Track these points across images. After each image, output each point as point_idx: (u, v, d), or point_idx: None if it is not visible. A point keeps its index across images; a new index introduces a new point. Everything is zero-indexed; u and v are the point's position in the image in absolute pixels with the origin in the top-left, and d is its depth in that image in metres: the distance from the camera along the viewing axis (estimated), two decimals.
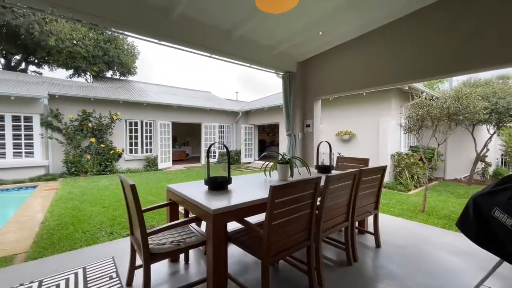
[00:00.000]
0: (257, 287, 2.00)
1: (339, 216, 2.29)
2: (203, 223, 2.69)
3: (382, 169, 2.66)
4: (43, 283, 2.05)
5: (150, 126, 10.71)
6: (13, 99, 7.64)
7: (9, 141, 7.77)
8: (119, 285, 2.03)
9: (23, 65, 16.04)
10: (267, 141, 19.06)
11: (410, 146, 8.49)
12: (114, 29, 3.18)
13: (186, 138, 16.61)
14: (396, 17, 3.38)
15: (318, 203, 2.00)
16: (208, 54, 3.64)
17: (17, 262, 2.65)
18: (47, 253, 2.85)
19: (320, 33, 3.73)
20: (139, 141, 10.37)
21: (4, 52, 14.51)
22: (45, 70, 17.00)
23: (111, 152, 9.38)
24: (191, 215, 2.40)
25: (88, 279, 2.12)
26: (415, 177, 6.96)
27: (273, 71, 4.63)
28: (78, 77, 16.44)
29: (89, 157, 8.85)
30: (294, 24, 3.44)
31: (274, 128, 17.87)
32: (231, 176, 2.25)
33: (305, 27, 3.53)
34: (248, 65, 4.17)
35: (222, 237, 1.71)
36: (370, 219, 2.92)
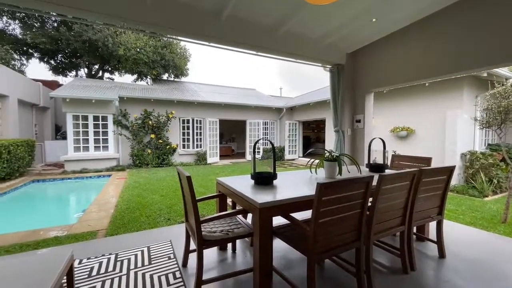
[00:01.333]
0: (301, 284, 2.00)
1: (393, 219, 2.10)
2: (249, 216, 2.80)
3: (449, 170, 2.33)
4: (118, 256, 2.44)
5: (200, 123, 11.52)
6: (94, 102, 9.15)
7: (91, 137, 9.36)
8: (176, 265, 2.27)
9: (100, 73, 19.00)
10: (312, 137, 18.52)
11: (489, 144, 7.16)
12: (169, 36, 3.51)
13: (232, 135, 17.33)
14: None
15: (369, 203, 1.88)
16: (254, 52, 3.72)
17: (99, 236, 3.21)
18: (120, 231, 3.36)
19: (374, 20, 3.43)
20: (190, 137, 11.26)
21: (87, 63, 17.43)
22: (116, 76, 19.85)
23: (167, 147, 10.43)
24: (238, 207, 2.53)
25: (151, 257, 2.44)
26: (494, 180, 5.85)
27: (320, 65, 4.46)
28: (140, 80, 18.70)
29: (149, 151, 10.02)
30: (345, 12, 3.24)
31: (319, 124, 17.23)
32: (276, 172, 2.28)
33: (357, 15, 3.29)
34: (294, 60, 4.11)
35: (268, 231, 1.75)
36: (432, 225, 2.60)
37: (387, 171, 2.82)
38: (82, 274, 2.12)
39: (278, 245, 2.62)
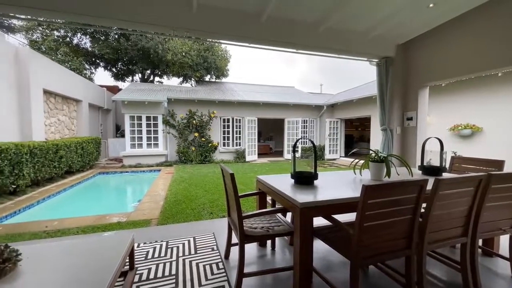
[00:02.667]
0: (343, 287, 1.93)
1: (452, 228, 1.88)
2: (288, 214, 2.81)
3: None
4: (168, 243, 2.70)
5: (239, 122, 11.86)
6: (147, 103, 10.18)
7: (144, 135, 10.44)
8: (219, 257, 2.41)
9: (151, 77, 21.00)
10: (355, 136, 17.45)
11: None
12: (213, 40, 3.69)
13: (269, 133, 17.42)
14: None
15: (422, 209, 1.72)
16: (294, 50, 3.68)
17: (152, 224, 3.59)
18: (169, 221, 3.70)
19: (431, 5, 3.07)
20: (230, 135, 11.69)
21: (141, 69, 19.44)
22: (164, 80, 21.67)
23: (209, 145, 11.02)
24: (278, 205, 2.55)
25: (197, 247, 2.63)
26: None
27: (366, 59, 4.18)
28: (185, 83, 20.08)
29: (193, 148, 10.72)
30: (396, 0, 2.98)
31: (364, 122, 16.16)
32: (317, 172, 2.23)
33: (411, 1, 3.00)
34: (336, 56, 3.94)
35: (308, 231, 1.74)
36: (504, 239, 2.24)
37: (445, 175, 2.52)
38: (140, 256, 2.41)
39: (319, 246, 2.57)
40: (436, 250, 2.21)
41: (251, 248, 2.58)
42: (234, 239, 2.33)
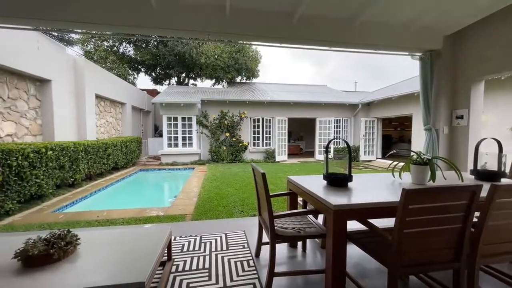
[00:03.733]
0: None
1: None
2: (320, 216, 2.74)
3: None
4: (202, 238, 2.83)
5: (269, 122, 11.88)
6: (182, 105, 10.77)
7: (180, 135, 11.08)
8: (249, 254, 2.46)
9: (186, 80, 22.17)
10: (394, 136, 16.26)
11: None
12: (245, 42, 3.77)
13: (300, 133, 17.13)
14: None
15: (475, 219, 1.54)
16: (327, 48, 3.57)
17: (187, 219, 3.79)
18: (202, 217, 3.87)
19: None
20: (260, 135, 11.78)
21: (177, 72, 20.65)
22: (198, 82, 22.71)
23: (240, 144, 11.24)
24: (309, 207, 2.51)
25: (228, 243, 2.71)
26: None
27: (407, 53, 3.88)
28: (217, 84, 20.77)
29: (224, 148, 11.04)
30: None
31: (404, 121, 14.98)
32: (352, 174, 2.14)
33: None
34: (373, 51, 3.72)
35: (342, 234, 1.68)
36: None
37: (504, 181, 2.22)
38: (176, 249, 2.57)
39: (353, 251, 2.46)
40: (492, 265, 1.96)
41: (281, 248, 2.58)
42: (265, 238, 2.36)
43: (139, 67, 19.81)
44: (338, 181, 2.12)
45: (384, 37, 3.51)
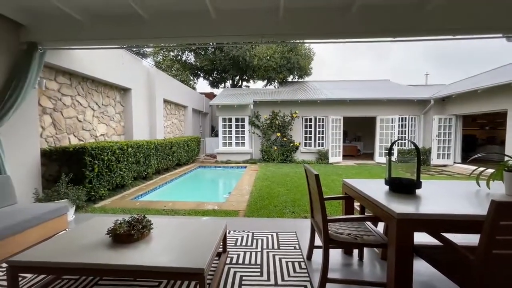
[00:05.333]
0: None
1: None
2: (380, 224, 2.50)
3: None
4: (254, 235, 2.93)
5: (322, 121, 11.40)
6: (236, 107, 11.33)
7: (233, 135, 11.67)
8: (301, 256, 2.42)
9: (240, 83, 23.20)
10: (479, 137, 13.50)
11: None
12: (298, 41, 3.72)
13: (357, 133, 15.89)
14: None
15: None
16: (391, 39, 3.22)
17: (240, 215, 3.98)
18: (254, 214, 4.00)
19: None
20: (312, 135, 11.42)
21: (231, 75, 21.82)
22: (250, 84, 23.47)
23: (291, 144, 11.14)
24: (367, 213, 2.32)
25: (280, 242, 2.73)
26: None
27: (501, 35, 3.17)
28: (269, 85, 21.05)
29: (275, 148, 11.11)
30: None
31: (494, 119, 12.32)
32: (420, 180, 1.88)
33: None
34: (451, 37, 3.17)
35: (407, 247, 1.50)
36: None
37: None
38: (231, 242, 2.73)
39: (420, 267, 2.16)
40: None
41: (335, 254, 2.46)
42: (317, 242, 2.29)
43: (198, 72, 21.69)
44: (403, 187, 1.89)
45: (467, 18, 2.96)
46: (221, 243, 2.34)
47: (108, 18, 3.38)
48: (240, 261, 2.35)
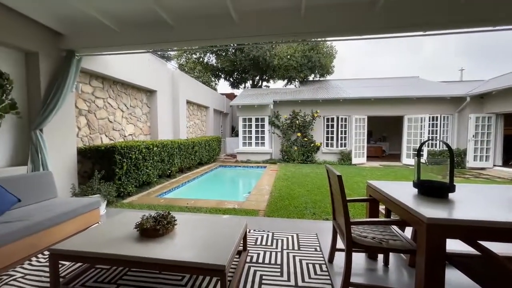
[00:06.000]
0: None
1: None
2: (408, 229, 2.37)
3: None
4: (274, 235, 2.92)
5: (345, 121, 11.05)
6: (256, 107, 11.37)
7: (253, 135, 11.73)
8: (322, 258, 2.37)
9: (260, 83, 23.26)
10: None
11: None
12: (319, 39, 3.63)
13: (382, 133, 15.18)
14: None
15: None
16: (421, 33, 3.03)
17: (260, 215, 3.99)
18: (274, 215, 3.99)
19: None
20: (334, 135, 11.11)
21: (251, 76, 21.96)
22: (270, 83, 23.42)
23: (312, 145, 10.94)
24: (393, 216, 2.21)
25: (300, 244, 2.70)
26: None
27: None
28: (290, 84, 20.85)
29: (295, 148, 10.98)
30: None
31: None
32: (454, 183, 1.75)
33: None
34: (491, 28, 2.91)
35: (439, 255, 1.40)
36: None
37: None
38: (251, 241, 2.75)
39: (453, 277, 2.01)
40: None
41: (358, 258, 2.37)
42: (339, 244, 2.23)
43: (219, 73, 22.11)
44: (434, 190, 1.78)
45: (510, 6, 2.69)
46: (242, 242, 2.37)
47: (137, 24, 3.58)
48: (260, 260, 2.36)
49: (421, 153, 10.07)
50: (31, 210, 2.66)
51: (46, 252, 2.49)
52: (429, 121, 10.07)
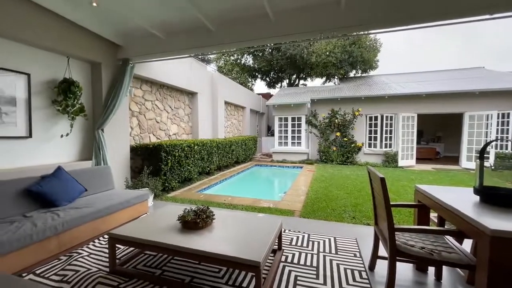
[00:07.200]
0: None
1: None
2: (466, 242, 2.09)
3: None
4: (310, 237, 2.85)
5: (391, 120, 10.16)
6: (292, 106, 11.22)
7: (289, 134, 11.60)
8: (362, 265, 2.23)
9: (296, 81, 22.86)
10: None
11: None
12: (360, 32, 3.40)
13: (436, 133, 13.55)
14: None
15: None
16: (488, 16, 2.62)
17: (295, 216, 3.93)
18: (310, 216, 3.89)
19: None
20: (378, 135, 10.31)
21: (288, 75, 21.72)
22: (308, 82, 22.84)
23: (352, 145, 10.33)
24: (447, 225, 1.97)
25: (338, 247, 2.58)
26: None
27: None
28: (328, 82, 20.04)
29: (334, 148, 10.51)
30: None
31: None
32: None
33: None
34: None
35: (507, 272, 1.20)
36: None
37: None
38: (286, 240, 2.74)
39: None
40: None
41: (405, 269, 2.17)
42: (382, 252, 2.07)
43: (256, 74, 22.40)
44: (501, 199, 1.53)
45: None
46: (277, 241, 2.37)
47: (180, 31, 3.87)
48: (295, 260, 2.33)
49: (486, 155, 8.72)
50: (94, 199, 3.08)
51: (106, 236, 2.85)
52: (498, 118, 8.64)
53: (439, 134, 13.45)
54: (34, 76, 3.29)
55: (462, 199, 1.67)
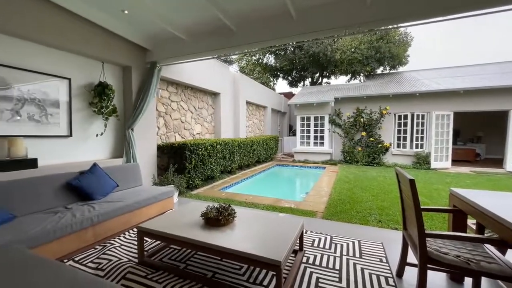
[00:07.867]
0: None
1: None
2: (510, 252, 1.89)
3: None
4: (333, 239, 2.77)
5: (422, 118, 9.49)
6: (315, 105, 10.97)
7: (312, 134, 11.36)
8: (389, 271, 2.12)
9: (320, 80, 22.32)
10: None
11: None
12: (388, 26, 3.22)
13: (476, 133, 12.40)
14: None
15: None
16: None
17: (317, 217, 3.85)
18: (333, 218, 3.78)
19: None
20: (408, 135, 9.70)
21: (311, 73, 21.28)
22: (332, 80, 22.17)
23: (379, 145, 9.84)
24: (487, 233, 1.80)
25: (362, 251, 2.48)
26: None
27: None
28: (354, 79, 19.30)
29: (360, 148, 10.08)
30: None
31: None
32: None
33: None
34: None
35: None
36: None
37: None
38: (307, 242, 2.69)
39: None
40: None
41: (437, 278, 2.02)
42: (411, 258, 1.94)
43: (278, 73, 22.28)
44: None
45: None
46: (298, 241, 2.34)
47: (203, 33, 3.99)
48: (317, 262, 2.28)
49: None
50: (125, 194, 3.29)
51: (135, 229, 3.04)
52: None
53: (479, 134, 12.29)
54: (74, 80, 3.61)
55: (506, 205, 1.51)
